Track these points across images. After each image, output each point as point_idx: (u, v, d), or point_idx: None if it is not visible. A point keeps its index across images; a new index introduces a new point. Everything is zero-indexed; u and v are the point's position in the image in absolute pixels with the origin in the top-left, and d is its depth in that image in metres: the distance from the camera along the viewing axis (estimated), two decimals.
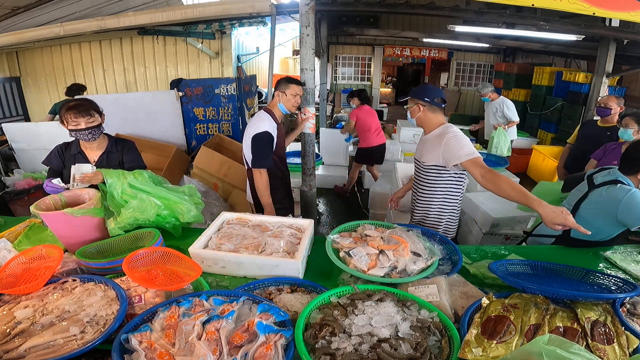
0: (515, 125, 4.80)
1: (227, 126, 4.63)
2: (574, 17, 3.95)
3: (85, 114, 1.84)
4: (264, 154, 2.28)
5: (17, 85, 6.25)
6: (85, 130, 1.86)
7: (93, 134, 1.90)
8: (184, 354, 0.93)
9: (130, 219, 1.61)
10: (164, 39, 5.98)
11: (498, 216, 3.03)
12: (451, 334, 1.05)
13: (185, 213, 1.75)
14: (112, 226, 1.60)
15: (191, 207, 1.77)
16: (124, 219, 1.60)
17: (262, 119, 2.31)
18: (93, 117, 1.88)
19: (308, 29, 2.64)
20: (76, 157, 2.00)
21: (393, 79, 16.42)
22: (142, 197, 1.67)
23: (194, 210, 1.78)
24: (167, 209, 1.73)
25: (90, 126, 1.87)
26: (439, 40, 8.66)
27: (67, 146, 2.04)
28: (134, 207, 1.63)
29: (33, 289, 1.21)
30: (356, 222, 1.70)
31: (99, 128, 1.93)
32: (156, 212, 1.69)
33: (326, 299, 1.18)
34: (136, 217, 1.63)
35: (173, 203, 1.74)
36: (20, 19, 4.58)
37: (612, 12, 2.97)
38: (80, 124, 1.85)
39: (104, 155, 2.04)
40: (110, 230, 1.60)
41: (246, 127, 2.42)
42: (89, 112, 1.86)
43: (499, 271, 1.34)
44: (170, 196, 1.74)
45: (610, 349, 1.03)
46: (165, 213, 1.72)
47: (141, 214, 1.64)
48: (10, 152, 4.11)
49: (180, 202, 1.76)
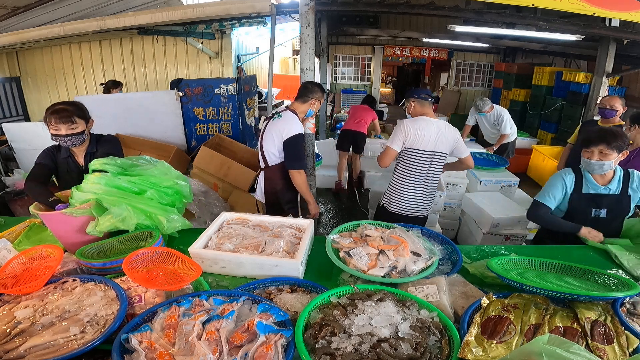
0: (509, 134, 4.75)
1: (227, 126, 4.63)
2: (574, 17, 3.95)
3: (67, 121, 1.79)
4: (303, 154, 2.36)
5: (17, 85, 6.24)
6: (65, 136, 1.81)
7: (73, 140, 1.85)
8: (184, 354, 0.93)
9: (109, 226, 1.52)
10: (164, 39, 5.98)
11: (498, 216, 3.03)
12: (451, 333, 1.05)
13: (164, 225, 1.59)
14: (89, 229, 1.50)
15: (173, 217, 1.62)
16: (104, 226, 1.51)
17: (295, 121, 2.31)
18: (75, 124, 1.83)
19: (308, 29, 2.65)
20: (67, 160, 1.98)
21: (393, 79, 16.43)
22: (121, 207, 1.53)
23: (177, 218, 1.63)
24: (148, 218, 1.61)
25: (71, 133, 1.82)
26: (439, 40, 8.66)
27: (57, 149, 1.99)
28: (114, 215, 1.52)
29: (33, 289, 1.21)
30: (356, 222, 1.69)
31: (81, 135, 1.87)
32: (135, 223, 1.57)
33: (326, 299, 1.18)
34: (116, 225, 1.53)
35: (152, 214, 1.61)
36: (20, 19, 4.59)
37: (612, 12, 2.98)
38: (61, 130, 1.80)
39: (87, 156, 2.00)
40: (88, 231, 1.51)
41: (268, 126, 2.39)
42: (71, 118, 1.80)
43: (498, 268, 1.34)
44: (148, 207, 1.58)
45: (610, 349, 1.03)
46: (148, 223, 1.61)
47: (121, 223, 1.53)
48: (10, 152, 4.11)
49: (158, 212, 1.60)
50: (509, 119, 4.71)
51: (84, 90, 6.35)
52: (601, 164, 1.71)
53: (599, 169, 1.74)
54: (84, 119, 1.90)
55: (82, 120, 1.88)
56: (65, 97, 6.35)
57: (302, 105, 2.42)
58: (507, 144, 4.89)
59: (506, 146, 4.89)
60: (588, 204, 1.81)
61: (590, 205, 1.81)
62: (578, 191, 1.82)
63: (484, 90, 10.96)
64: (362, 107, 5.28)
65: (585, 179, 1.83)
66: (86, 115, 1.92)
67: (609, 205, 1.80)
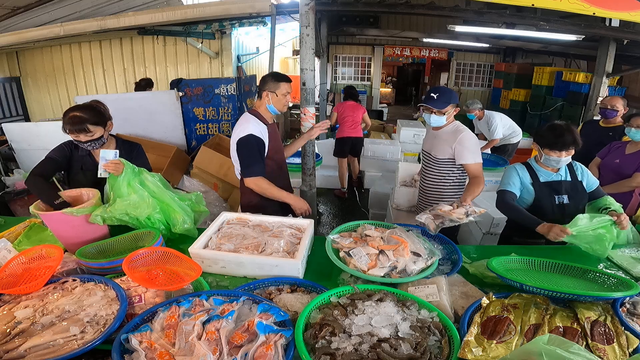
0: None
1: (227, 126, 4.63)
2: (574, 17, 3.95)
3: (82, 131, 1.78)
4: (253, 159, 1.95)
5: (17, 85, 6.25)
6: (85, 142, 1.81)
7: (93, 145, 1.85)
8: (184, 354, 0.93)
9: (122, 211, 1.59)
10: (164, 39, 5.99)
11: (498, 216, 3.02)
12: (451, 333, 1.05)
13: (179, 224, 1.71)
14: (96, 212, 1.55)
15: (187, 219, 1.74)
16: (116, 210, 1.57)
17: (246, 121, 2.00)
18: (91, 132, 1.81)
19: (308, 29, 2.64)
20: (84, 158, 1.96)
21: (393, 79, 16.43)
22: (142, 195, 1.65)
23: (189, 222, 1.75)
24: (161, 213, 1.70)
25: (90, 139, 1.81)
26: (439, 40, 8.67)
27: (75, 145, 1.95)
28: (130, 201, 1.62)
29: (33, 289, 1.21)
30: (356, 222, 1.69)
31: (100, 139, 1.86)
32: (149, 213, 1.65)
33: (326, 299, 1.18)
34: (128, 211, 1.60)
35: (172, 210, 1.71)
36: (21, 19, 4.59)
37: (612, 12, 2.97)
38: (80, 138, 1.80)
39: None
40: (92, 217, 1.55)
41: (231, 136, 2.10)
42: (85, 128, 1.77)
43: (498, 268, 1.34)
44: (172, 203, 1.72)
45: (610, 348, 1.03)
46: (157, 217, 1.69)
47: (134, 210, 1.62)
48: (10, 152, 4.10)
49: (179, 211, 1.73)
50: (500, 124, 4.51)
51: (84, 90, 6.35)
52: (567, 160, 1.87)
53: (565, 164, 1.90)
54: (101, 123, 1.85)
55: (98, 126, 1.83)
56: (65, 97, 6.36)
57: (258, 102, 2.09)
58: (508, 145, 4.86)
59: (507, 147, 4.86)
60: (550, 191, 1.92)
61: (552, 192, 1.92)
62: (536, 180, 1.94)
63: (484, 90, 10.97)
64: (349, 105, 4.84)
65: (537, 170, 1.96)
66: (103, 119, 1.88)
67: (568, 191, 1.92)
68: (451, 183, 2.21)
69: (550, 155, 1.85)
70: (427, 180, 2.31)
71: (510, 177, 1.97)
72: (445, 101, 2.08)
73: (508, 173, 2.00)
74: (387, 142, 5.46)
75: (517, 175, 1.96)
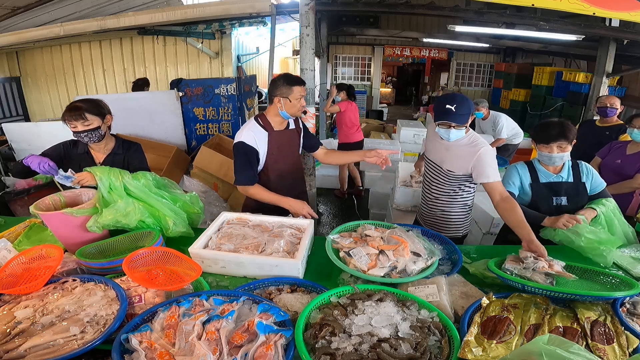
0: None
1: (227, 126, 4.63)
2: (574, 17, 3.95)
3: (79, 118, 1.81)
4: (240, 167, 1.94)
5: (17, 85, 6.25)
6: (81, 132, 1.84)
7: (90, 136, 1.86)
8: (184, 354, 0.93)
9: (111, 220, 1.57)
10: (164, 39, 5.99)
11: (498, 216, 3.02)
12: (451, 333, 1.05)
13: (170, 227, 1.67)
14: (90, 223, 1.55)
15: (179, 222, 1.70)
16: (104, 219, 1.56)
17: (244, 126, 1.99)
18: (88, 121, 1.84)
19: (308, 29, 2.64)
20: (82, 156, 1.98)
21: (393, 79, 16.44)
22: (128, 201, 1.62)
23: (182, 225, 1.72)
24: (151, 217, 1.68)
25: (86, 129, 1.84)
26: (439, 40, 8.68)
27: (74, 144, 2.00)
28: (118, 209, 1.59)
29: (33, 289, 1.21)
30: (356, 222, 1.69)
31: (97, 130, 1.88)
32: (139, 219, 1.63)
33: (326, 299, 1.18)
34: (118, 219, 1.58)
35: (162, 215, 1.69)
36: (20, 19, 4.59)
37: (612, 12, 2.98)
38: (77, 127, 1.83)
39: (110, 156, 2.01)
40: (88, 226, 1.56)
41: None
42: (82, 115, 1.81)
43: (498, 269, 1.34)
44: (160, 207, 1.68)
45: (610, 349, 1.03)
46: (150, 221, 1.67)
47: (123, 217, 1.59)
48: (10, 152, 4.11)
49: (169, 215, 1.69)
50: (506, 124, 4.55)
51: (84, 90, 6.36)
52: (561, 156, 1.83)
53: (559, 161, 1.86)
54: (99, 115, 1.89)
55: (95, 116, 1.87)
56: (65, 97, 6.36)
57: (270, 107, 2.01)
58: (510, 145, 4.86)
59: (509, 147, 4.86)
60: (548, 192, 1.91)
61: (551, 193, 1.90)
62: (536, 181, 1.93)
63: (484, 90, 10.97)
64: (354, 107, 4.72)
65: (538, 170, 1.94)
66: (101, 111, 1.91)
67: (567, 193, 1.89)
68: (460, 199, 1.99)
69: (542, 151, 1.84)
70: (433, 193, 2.05)
71: (510, 177, 1.97)
72: (466, 112, 1.76)
73: (509, 172, 2.00)
74: (387, 142, 5.46)
75: (518, 174, 1.96)
